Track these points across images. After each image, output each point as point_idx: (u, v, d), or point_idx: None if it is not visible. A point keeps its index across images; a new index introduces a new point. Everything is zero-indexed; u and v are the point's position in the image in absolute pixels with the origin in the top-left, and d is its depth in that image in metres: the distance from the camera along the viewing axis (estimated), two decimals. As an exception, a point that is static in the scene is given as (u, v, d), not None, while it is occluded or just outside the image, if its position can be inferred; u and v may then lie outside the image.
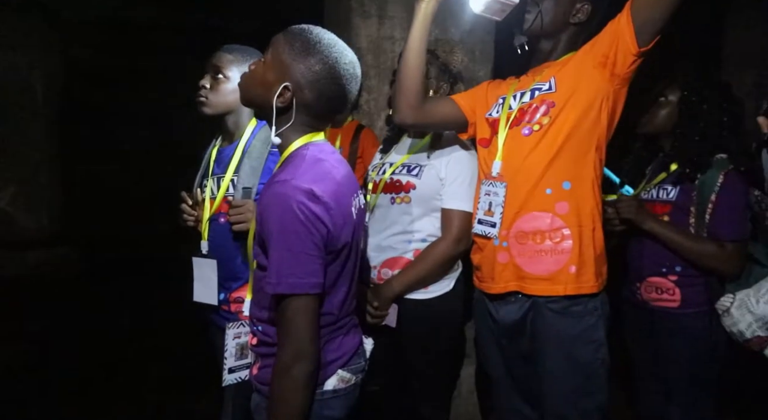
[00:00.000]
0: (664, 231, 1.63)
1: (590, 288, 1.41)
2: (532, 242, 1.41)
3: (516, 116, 1.47)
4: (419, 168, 1.71)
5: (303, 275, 1.01)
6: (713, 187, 1.58)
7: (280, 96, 1.06)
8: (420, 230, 1.70)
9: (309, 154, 1.09)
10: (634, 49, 1.32)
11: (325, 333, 1.12)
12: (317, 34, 1.10)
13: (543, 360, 1.43)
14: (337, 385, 1.13)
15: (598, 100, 1.39)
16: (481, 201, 1.50)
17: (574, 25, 1.46)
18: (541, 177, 1.40)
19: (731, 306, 1.55)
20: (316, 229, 1.01)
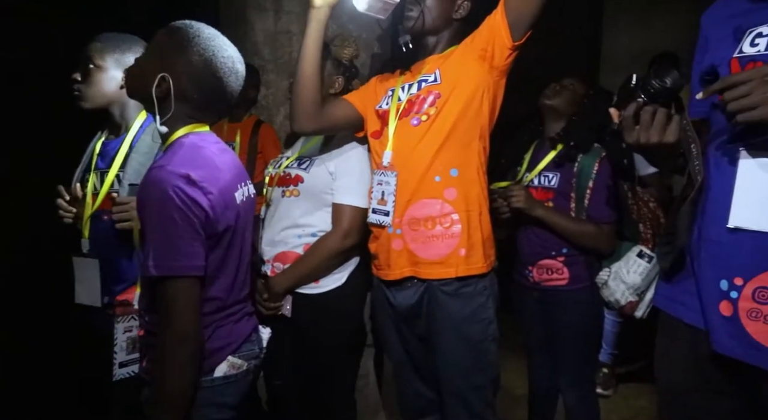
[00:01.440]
0: (551, 216, 1.76)
1: (479, 269, 1.47)
2: (423, 228, 1.45)
3: (405, 107, 1.51)
4: (309, 161, 1.71)
5: (181, 257, 1.02)
6: (590, 174, 1.74)
7: (158, 86, 1.10)
8: (310, 225, 1.69)
9: (188, 141, 1.13)
10: (509, 43, 1.42)
11: (214, 319, 1.13)
12: (196, 29, 1.15)
13: (438, 340, 1.48)
14: (228, 371, 1.14)
15: (480, 91, 1.46)
16: (374, 191, 1.53)
17: (457, 20, 1.54)
18: (430, 165, 1.45)
19: (608, 279, 1.71)
20: (194, 213, 1.03)
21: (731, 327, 0.97)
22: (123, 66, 1.49)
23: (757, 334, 0.94)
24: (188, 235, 1.03)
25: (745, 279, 0.95)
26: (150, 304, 1.12)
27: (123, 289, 1.49)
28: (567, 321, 1.81)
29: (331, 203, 1.68)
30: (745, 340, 0.95)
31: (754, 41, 0.98)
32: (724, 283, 0.98)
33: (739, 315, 0.96)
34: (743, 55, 0.98)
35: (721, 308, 0.98)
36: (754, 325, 0.94)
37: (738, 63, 0.98)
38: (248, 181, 1.27)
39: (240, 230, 1.18)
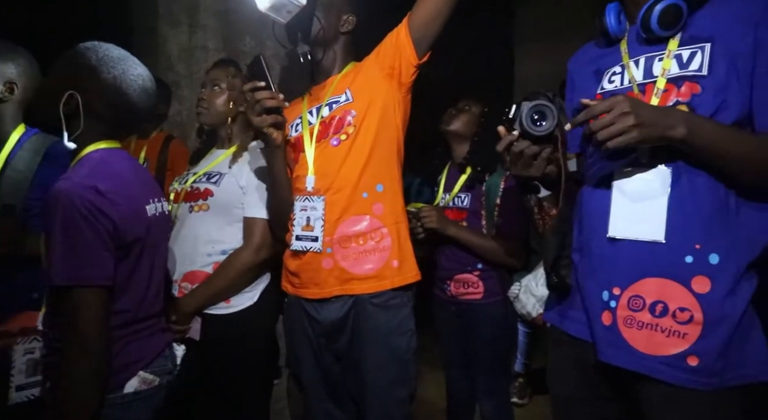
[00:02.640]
0: (462, 234, 1.84)
1: (413, 277, 1.51)
2: (355, 245, 1.46)
3: (320, 130, 1.52)
4: (219, 176, 1.68)
5: (87, 267, 1.03)
6: (497, 192, 1.83)
7: (66, 104, 1.13)
8: (220, 241, 1.65)
9: (97, 156, 1.15)
10: (414, 61, 1.47)
11: (124, 333, 1.14)
12: (105, 48, 1.19)
13: (364, 354, 1.48)
14: (138, 386, 1.14)
15: (392, 107, 1.51)
16: (297, 217, 1.50)
17: (344, 34, 1.57)
18: (357, 182, 1.46)
19: (519, 292, 1.79)
20: (101, 223, 1.05)
21: (611, 336, 1.04)
22: (3, 78, 1.44)
23: (632, 340, 1.02)
24: (95, 245, 1.03)
25: (622, 288, 1.04)
26: (55, 320, 1.09)
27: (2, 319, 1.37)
28: (482, 333, 1.88)
29: (241, 219, 1.65)
30: (623, 348, 1.02)
31: (610, 79, 1.12)
32: (605, 293, 1.06)
33: (617, 323, 1.03)
34: (605, 91, 1.12)
35: (603, 318, 1.06)
36: (630, 332, 1.02)
37: (602, 97, 1.11)
38: (162, 198, 1.29)
39: (151, 244, 1.19)
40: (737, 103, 0.97)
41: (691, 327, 0.98)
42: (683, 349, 0.98)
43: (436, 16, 1.43)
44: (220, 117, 1.76)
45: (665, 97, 1.01)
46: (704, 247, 0.98)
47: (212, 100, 1.75)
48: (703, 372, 0.97)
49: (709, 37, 1.00)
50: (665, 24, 1.02)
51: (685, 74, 1.00)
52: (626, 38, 1.13)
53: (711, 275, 0.97)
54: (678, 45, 1.03)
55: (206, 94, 1.77)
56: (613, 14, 1.13)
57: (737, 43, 0.97)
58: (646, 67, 1.06)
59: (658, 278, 1.00)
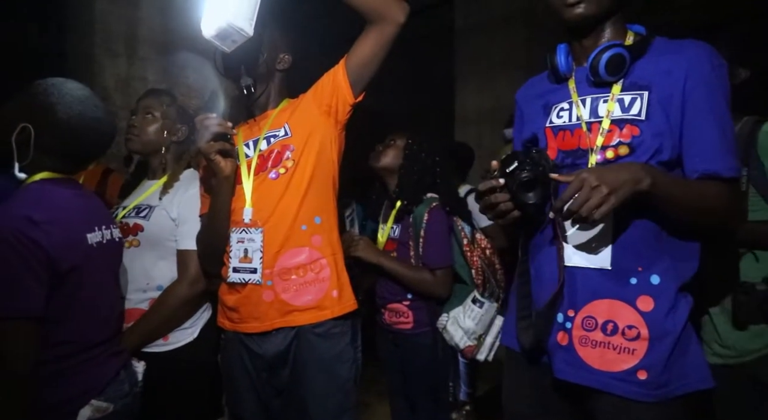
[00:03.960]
0: (388, 264, 1.89)
1: (351, 306, 1.54)
2: (296, 276, 1.48)
3: (258, 163, 1.54)
4: (149, 209, 1.66)
5: (12, 298, 1.04)
6: (422, 222, 1.89)
7: (19, 134, 1.17)
8: (155, 277, 1.63)
9: (37, 186, 1.19)
10: (350, 100, 1.54)
11: (72, 363, 1.16)
12: (69, 88, 1.25)
13: (307, 384, 1.48)
14: (91, 415, 1.17)
15: (328, 142, 1.56)
16: (234, 249, 1.50)
17: (279, 71, 1.62)
18: (296, 215, 1.49)
19: (447, 323, 1.85)
20: (31, 253, 1.06)
21: (567, 354, 1.13)
22: None
23: (587, 358, 1.11)
24: (22, 276, 1.05)
25: (576, 310, 1.13)
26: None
27: None
28: (415, 364, 1.92)
29: (174, 252, 1.63)
30: (578, 365, 1.11)
31: (559, 114, 1.21)
32: (560, 315, 1.15)
33: (573, 343, 1.12)
34: (553, 125, 1.21)
35: (559, 338, 1.14)
36: (584, 350, 1.11)
37: (551, 131, 1.21)
38: (112, 225, 1.33)
39: (93, 271, 1.21)
40: (669, 147, 1.08)
41: (639, 343, 1.07)
42: (633, 364, 1.07)
43: (371, 58, 1.49)
44: (151, 145, 1.74)
45: (609, 136, 1.11)
46: (646, 269, 1.09)
47: (144, 127, 1.73)
48: (652, 384, 1.06)
49: (647, 85, 1.11)
50: (611, 71, 1.12)
51: (627, 117, 1.10)
52: (574, 77, 1.22)
53: (653, 294, 1.08)
54: (621, 90, 1.13)
55: (137, 121, 1.74)
56: (563, 54, 1.21)
57: (669, 93, 1.08)
58: (593, 107, 1.16)
59: (608, 299, 1.10)
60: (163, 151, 1.75)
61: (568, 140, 1.18)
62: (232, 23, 1.35)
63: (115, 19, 2.29)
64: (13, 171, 1.17)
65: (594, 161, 1.12)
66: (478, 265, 1.90)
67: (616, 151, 1.10)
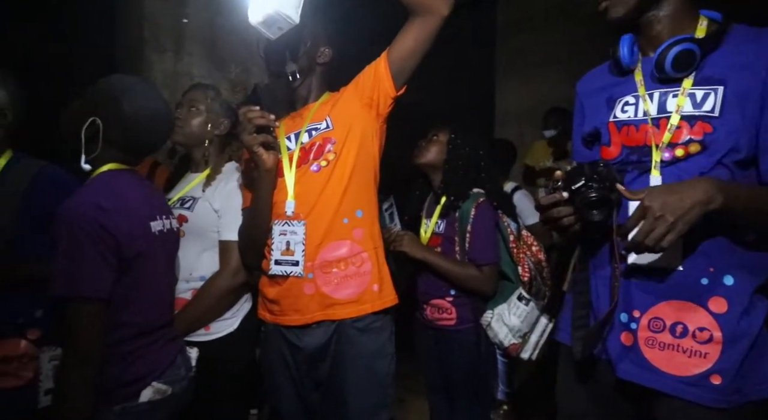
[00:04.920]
0: (433, 259, 1.86)
1: (392, 301, 1.53)
2: (336, 270, 1.48)
3: (299, 156, 1.54)
4: (193, 201, 1.68)
5: (84, 281, 1.10)
6: (468, 218, 1.86)
7: (88, 128, 1.23)
8: (198, 268, 1.65)
9: (105, 176, 1.25)
10: (392, 93, 1.53)
11: (136, 346, 1.21)
12: (131, 82, 1.32)
13: (347, 379, 1.48)
14: (152, 396, 1.22)
15: (369, 135, 1.55)
16: (276, 241, 1.50)
17: (320, 65, 1.62)
18: (337, 208, 1.49)
19: (491, 320, 1.81)
20: (102, 239, 1.12)
21: (632, 355, 1.09)
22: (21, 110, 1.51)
23: (654, 360, 1.07)
24: (94, 260, 1.10)
25: (641, 311, 1.09)
26: None
27: None
28: (457, 360, 1.89)
29: (216, 243, 1.65)
30: (645, 366, 1.07)
31: (623, 108, 1.16)
32: (624, 315, 1.11)
33: (638, 344, 1.08)
34: (617, 120, 1.16)
35: (623, 338, 1.10)
36: (651, 352, 1.07)
37: (615, 126, 1.16)
38: (170, 215, 1.39)
39: (155, 258, 1.27)
40: (745, 146, 1.02)
41: (712, 346, 1.02)
42: (706, 368, 1.02)
43: (414, 51, 1.48)
44: (195, 138, 1.77)
45: (678, 133, 1.05)
46: (718, 270, 1.03)
47: (188, 120, 1.76)
48: (726, 390, 1.01)
49: (722, 79, 1.04)
50: (679, 67, 1.06)
51: (698, 114, 1.04)
52: (640, 69, 1.15)
53: (727, 295, 1.02)
54: (692, 84, 1.06)
55: (182, 114, 1.77)
56: (626, 46, 1.15)
57: (746, 87, 1.01)
58: (660, 102, 1.10)
59: (677, 300, 1.05)
60: (206, 144, 1.78)
61: (633, 136, 1.12)
62: (280, 10, 1.36)
63: (163, 15, 2.34)
64: (79, 163, 1.23)
65: (659, 158, 1.06)
66: (525, 263, 1.86)
67: (686, 149, 1.05)
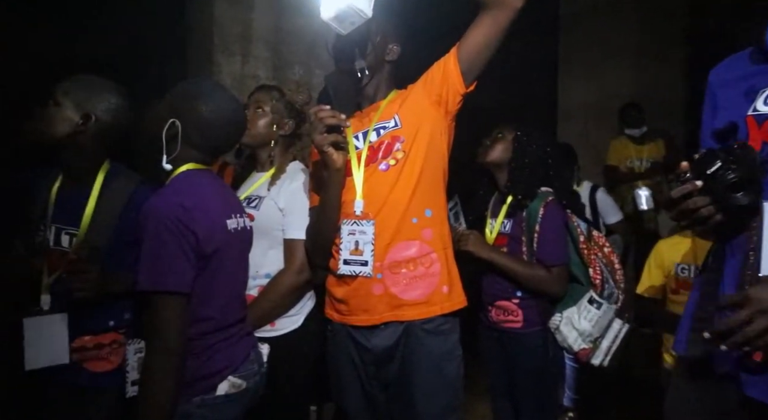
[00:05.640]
0: (500, 259, 1.81)
1: (461, 303, 1.51)
2: (405, 270, 1.46)
3: (368, 155, 1.53)
4: (258, 199, 1.71)
5: (168, 274, 1.15)
6: (536, 217, 1.80)
7: (168, 129, 1.27)
8: (264, 265, 1.67)
9: (186, 176, 1.30)
10: (462, 90, 1.49)
11: (214, 340, 1.26)
12: (208, 84, 1.39)
13: (416, 381, 1.47)
14: (228, 390, 1.27)
15: (438, 133, 1.53)
16: (344, 241, 1.49)
17: (388, 62, 1.60)
18: (407, 208, 1.47)
19: (560, 324, 1.75)
20: (183, 236, 1.17)
21: (764, 372, 0.98)
22: (83, 110, 1.49)
23: None
24: (177, 256, 1.16)
25: None
26: None
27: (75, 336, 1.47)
28: (523, 364, 1.84)
29: (281, 241, 1.67)
30: None
31: (766, 101, 1.05)
32: None
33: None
34: (758, 113, 1.05)
35: (755, 355, 1.00)
36: None
37: (755, 120, 1.05)
38: (244, 214, 1.42)
39: (231, 255, 1.31)
40: None
41: None
42: None
43: (485, 46, 1.44)
44: (261, 138, 1.79)
45: None
46: None
47: (254, 121, 1.78)
48: None
49: None
50: None
51: None
52: None
53: None
54: None
55: (249, 115, 1.78)
56: None
57: None
58: None
59: None
60: (272, 145, 1.80)
61: None
62: (352, 4, 1.36)
63: (231, 21, 2.42)
64: (158, 162, 1.28)
65: None
66: (596, 264, 1.79)
67: None
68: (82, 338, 1.47)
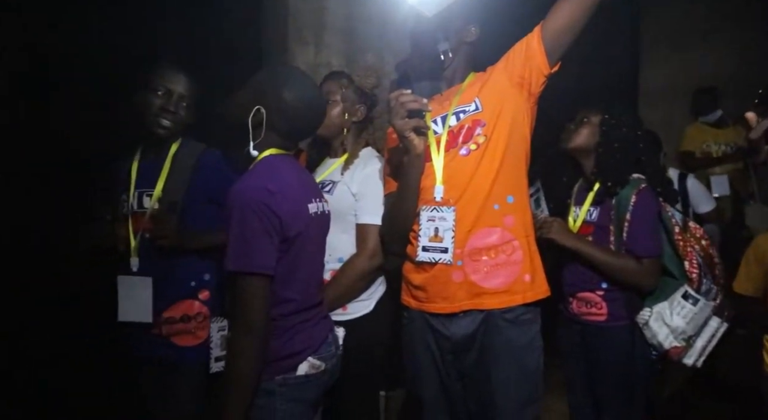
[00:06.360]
0: (586, 248, 1.72)
1: (544, 292, 1.48)
2: (486, 258, 1.44)
3: (447, 140, 1.50)
4: (332, 184, 1.73)
5: (254, 256, 1.19)
6: (627, 205, 1.69)
7: (254, 116, 1.30)
8: (336, 250, 1.68)
9: (269, 161, 1.33)
10: (546, 71, 1.45)
11: (295, 321, 1.29)
12: (289, 71, 1.42)
13: (495, 371, 1.44)
14: (308, 370, 1.30)
15: (520, 117, 1.48)
16: (423, 227, 1.48)
17: (467, 44, 1.56)
18: (488, 194, 1.44)
19: (649, 319, 1.65)
20: (268, 219, 1.20)
21: None
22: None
23: None
24: (262, 238, 1.19)
25: None
26: None
27: (167, 307, 1.60)
28: (606, 360, 1.75)
29: (354, 226, 1.69)
30: None
31: None
32: None
33: None
34: None
35: None
36: None
37: None
38: (322, 199, 1.45)
39: (312, 238, 1.34)
40: None
41: None
42: None
43: (572, 24, 1.39)
44: (335, 128, 1.81)
45: None
46: None
47: (327, 112, 1.76)
48: None
49: None
50: None
51: None
52: None
53: None
54: None
55: None
56: None
57: None
58: None
59: None
60: (344, 132, 1.82)
61: None
62: None
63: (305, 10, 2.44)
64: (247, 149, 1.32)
65: None
66: (693, 258, 1.66)
67: None
68: (169, 309, 1.60)
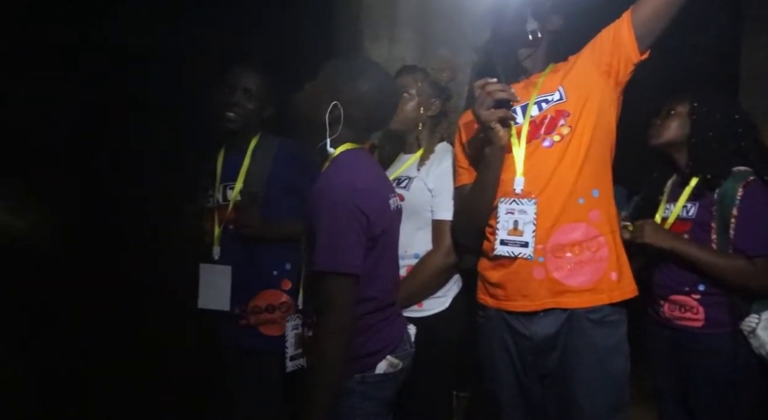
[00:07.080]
0: (687, 249, 1.60)
1: (632, 292, 1.42)
2: (570, 254, 1.40)
3: (529, 130, 1.46)
4: (408, 180, 1.73)
5: (343, 256, 1.18)
6: (734, 200, 1.55)
7: (330, 113, 1.26)
8: (413, 245, 1.69)
9: (349, 157, 1.30)
10: (635, 58, 1.39)
11: (375, 320, 1.28)
12: (363, 62, 1.40)
13: (578, 374, 1.39)
14: (387, 369, 1.29)
15: (606, 107, 1.42)
16: (502, 220, 1.44)
17: (550, 32, 1.51)
18: (573, 187, 1.40)
19: (757, 326, 1.50)
20: (356, 218, 1.19)
21: None
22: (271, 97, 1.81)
23: None
24: (350, 238, 1.18)
25: None
26: (313, 301, 1.27)
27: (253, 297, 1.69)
28: (702, 370, 1.61)
29: (430, 222, 1.68)
30: None
31: None
32: None
33: None
34: None
35: None
36: None
37: None
38: (395, 194, 1.42)
39: (391, 235, 1.33)
40: None
41: None
42: None
43: (667, 7, 1.32)
44: (410, 123, 1.81)
45: None
46: None
47: (402, 106, 1.77)
48: None
49: None
50: None
51: None
52: None
53: None
54: None
55: None
56: None
57: None
58: None
59: None
60: (419, 127, 1.81)
61: None
62: None
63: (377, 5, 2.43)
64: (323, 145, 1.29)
65: None
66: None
67: None
68: (254, 299, 1.68)
